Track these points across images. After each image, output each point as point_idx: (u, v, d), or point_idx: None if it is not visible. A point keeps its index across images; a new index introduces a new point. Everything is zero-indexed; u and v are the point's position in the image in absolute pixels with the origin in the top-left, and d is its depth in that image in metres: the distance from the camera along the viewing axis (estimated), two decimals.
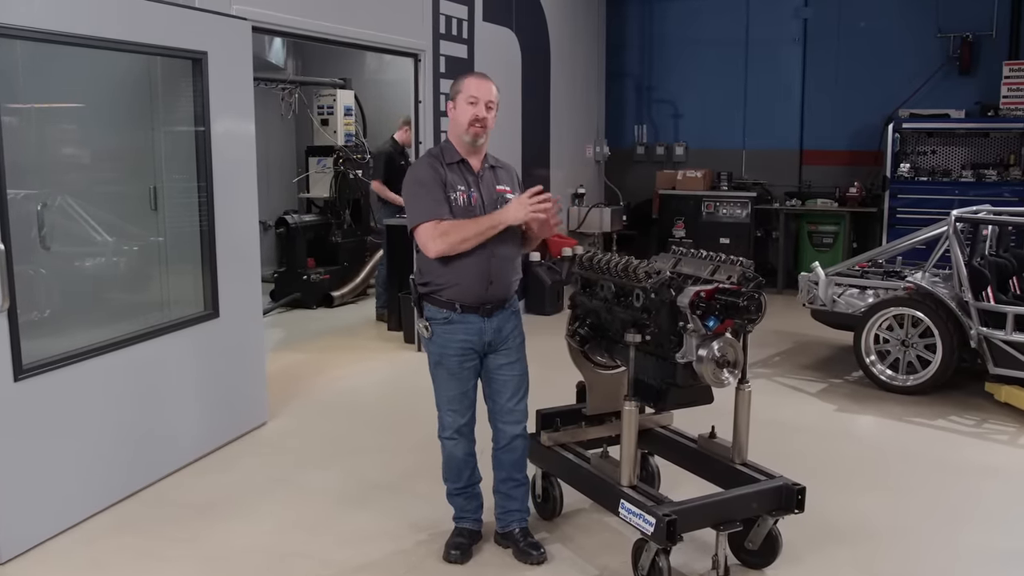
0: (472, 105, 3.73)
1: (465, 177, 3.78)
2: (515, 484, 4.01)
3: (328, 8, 6.42)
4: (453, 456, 3.96)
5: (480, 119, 3.72)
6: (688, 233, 10.97)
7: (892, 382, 6.57)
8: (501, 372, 3.88)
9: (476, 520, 4.09)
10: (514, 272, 3.87)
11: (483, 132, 3.76)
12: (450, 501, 4.08)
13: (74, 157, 5.13)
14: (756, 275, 3.74)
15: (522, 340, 3.96)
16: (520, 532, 4.00)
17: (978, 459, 5.36)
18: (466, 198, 3.74)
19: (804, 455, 5.21)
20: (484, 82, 3.79)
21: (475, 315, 3.76)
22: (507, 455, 3.96)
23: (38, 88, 4.68)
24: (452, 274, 3.72)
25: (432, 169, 3.77)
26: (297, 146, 11.50)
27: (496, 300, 3.79)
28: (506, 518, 4.03)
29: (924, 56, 10.32)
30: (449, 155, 3.82)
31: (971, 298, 6.17)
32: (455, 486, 4.03)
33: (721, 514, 3.65)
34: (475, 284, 3.72)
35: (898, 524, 4.45)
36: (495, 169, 3.89)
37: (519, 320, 3.96)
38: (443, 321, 3.79)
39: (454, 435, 3.91)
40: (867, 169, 10.58)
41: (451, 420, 3.90)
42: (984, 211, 6.82)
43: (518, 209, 3.66)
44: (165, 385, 4.93)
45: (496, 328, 3.82)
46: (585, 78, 11.06)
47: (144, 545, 4.17)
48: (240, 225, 5.49)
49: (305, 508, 4.57)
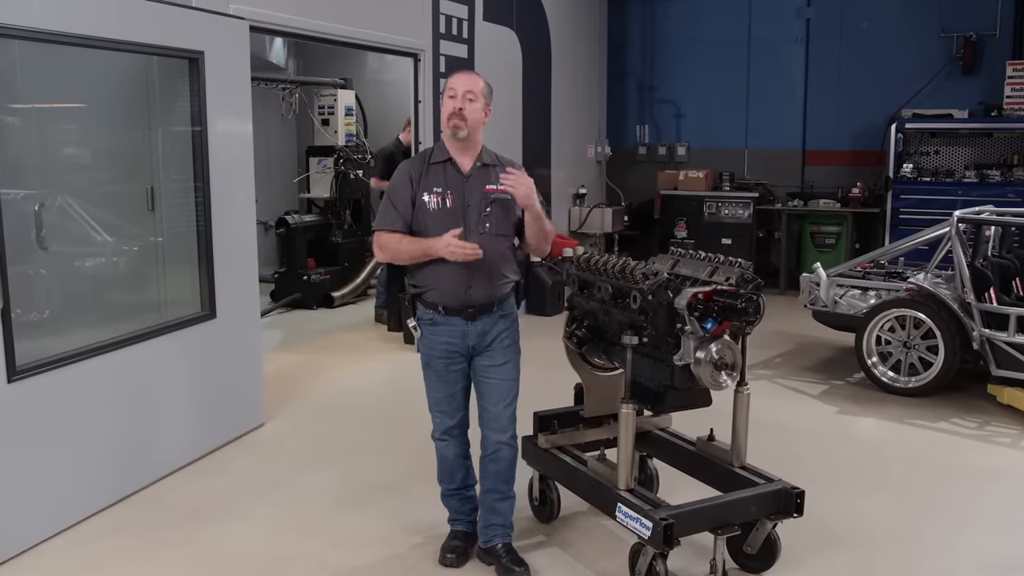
0: (451, 99, 3.65)
1: (446, 178, 3.70)
2: (500, 497, 3.91)
3: (327, 8, 6.38)
4: (444, 457, 3.92)
5: (456, 111, 3.62)
6: (690, 234, 10.93)
7: (894, 384, 6.53)
8: (487, 375, 3.79)
9: (471, 522, 4.03)
10: (499, 276, 3.74)
11: (463, 124, 3.63)
12: (444, 503, 4.04)
13: (70, 157, 5.11)
14: (755, 276, 3.71)
15: (511, 344, 3.83)
16: (503, 547, 3.89)
17: (980, 462, 5.31)
18: (440, 201, 3.66)
19: (804, 458, 5.18)
20: (464, 75, 3.73)
21: (458, 318, 3.70)
22: (491, 464, 3.87)
23: (33, 88, 4.65)
24: (432, 277, 3.69)
25: (405, 175, 3.72)
26: (298, 146, 11.48)
27: (478, 304, 3.70)
28: (488, 532, 3.93)
29: (927, 56, 10.27)
30: (437, 154, 3.76)
31: (973, 299, 6.13)
32: (449, 487, 3.99)
33: (719, 518, 3.62)
34: (454, 288, 3.66)
35: (898, 528, 4.41)
36: (491, 168, 3.75)
37: (509, 324, 3.83)
38: (429, 322, 3.75)
39: (443, 436, 3.87)
40: (870, 169, 10.54)
41: (439, 421, 3.86)
42: (987, 211, 6.77)
43: (442, 247, 3.52)
44: (161, 386, 4.90)
45: (480, 332, 3.72)
46: (586, 78, 11.02)
47: (138, 548, 4.14)
48: (237, 225, 5.46)
49: (300, 510, 4.54)
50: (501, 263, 3.75)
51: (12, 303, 3.97)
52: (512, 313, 3.87)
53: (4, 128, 4.50)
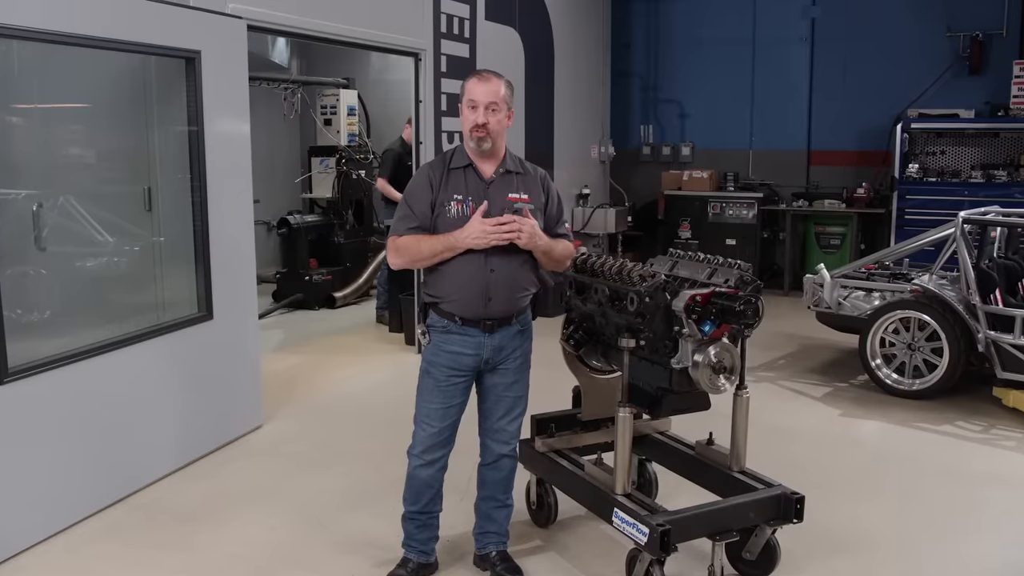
0: (472, 110, 3.47)
1: (467, 185, 3.52)
2: (497, 505, 3.83)
3: (326, 7, 6.33)
4: (415, 476, 3.68)
5: (479, 125, 3.45)
6: (694, 234, 10.88)
7: (898, 386, 6.46)
8: (495, 391, 3.67)
9: (423, 552, 3.80)
10: (519, 289, 3.57)
11: (487, 137, 3.47)
12: (402, 524, 3.81)
13: (64, 157, 5.07)
14: (754, 278, 3.66)
15: (524, 361, 3.69)
16: (498, 555, 3.82)
17: (984, 466, 5.25)
18: (461, 208, 3.47)
19: (806, 461, 5.13)
20: (485, 83, 3.50)
21: (476, 328, 3.54)
22: (492, 473, 3.79)
23: (25, 88, 4.62)
24: (451, 288, 3.52)
25: (426, 179, 3.55)
26: (301, 146, 11.44)
27: (498, 317, 3.54)
28: (483, 539, 3.86)
29: (933, 55, 10.17)
30: (458, 159, 3.57)
31: (979, 301, 6.06)
32: (411, 509, 3.75)
33: (717, 524, 3.57)
34: (473, 300, 3.50)
35: (900, 533, 4.36)
36: (514, 175, 3.58)
37: (525, 340, 3.68)
38: (442, 329, 3.58)
39: (422, 456, 3.64)
40: (875, 170, 10.46)
41: (423, 436, 3.63)
42: (992, 212, 6.71)
43: (478, 235, 3.37)
44: (156, 388, 4.86)
45: (496, 346, 3.56)
46: (590, 77, 10.95)
47: (129, 552, 4.10)
48: (235, 226, 5.42)
49: (294, 515, 4.49)
50: (521, 276, 3.57)
51: (9, 304, 3.95)
52: (529, 328, 3.71)
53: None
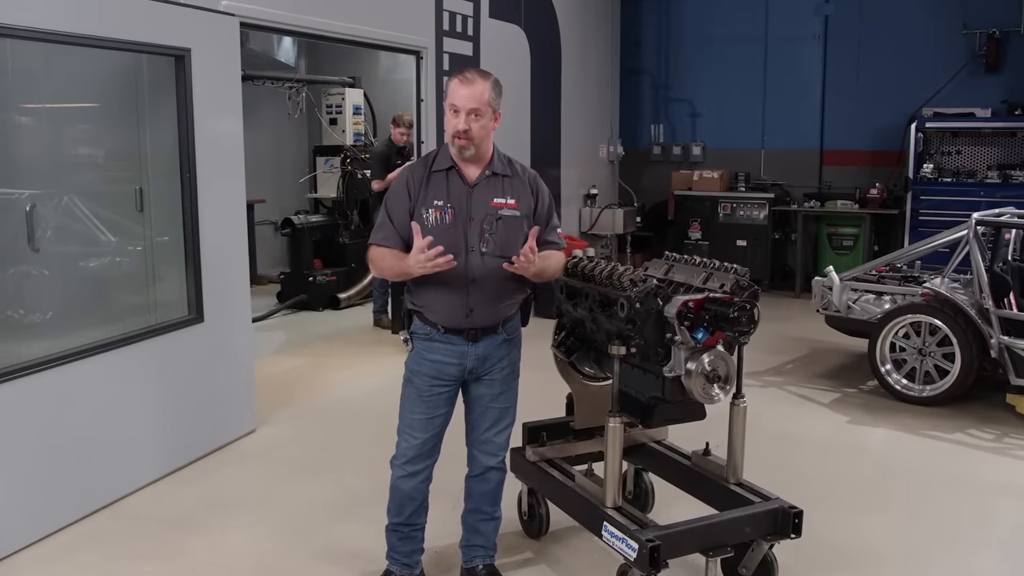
0: (454, 115, 3.29)
1: (449, 189, 3.36)
2: (484, 518, 3.71)
3: (323, 3, 6.23)
4: (398, 488, 3.56)
5: (460, 132, 3.28)
6: (704, 235, 10.75)
7: (908, 392, 6.30)
8: (481, 402, 3.55)
9: (407, 565, 3.66)
10: (503, 298, 3.42)
11: (469, 145, 3.30)
12: (385, 535, 3.68)
13: (56, 158, 5.00)
14: (751, 284, 3.52)
15: (511, 371, 3.56)
16: (484, 569, 3.70)
17: (996, 476, 5.09)
18: (440, 216, 3.31)
19: (810, 470, 4.99)
20: (467, 86, 3.28)
21: (459, 337, 3.41)
22: (479, 485, 3.67)
23: (14, 87, 4.54)
24: (431, 297, 3.40)
25: (403, 184, 3.40)
26: (308, 146, 11.36)
27: (482, 326, 3.41)
28: (470, 552, 3.74)
29: (949, 53, 9.97)
30: (441, 161, 3.40)
31: (992, 305, 5.89)
32: (394, 520, 3.62)
33: (711, 539, 3.43)
34: (454, 311, 3.37)
35: (906, 547, 4.20)
36: (500, 178, 3.41)
37: (512, 349, 3.54)
38: (424, 337, 3.45)
39: (405, 467, 3.51)
40: (889, 170, 10.28)
41: (406, 447, 3.50)
42: (1008, 213, 6.53)
43: (414, 265, 3.20)
44: (144, 392, 4.77)
45: (481, 355, 3.44)
46: (598, 76, 10.82)
47: (112, 561, 4.00)
48: (227, 227, 5.32)
49: (281, 523, 4.38)
50: (505, 286, 3.40)
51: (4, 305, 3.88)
52: (516, 336, 3.57)
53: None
